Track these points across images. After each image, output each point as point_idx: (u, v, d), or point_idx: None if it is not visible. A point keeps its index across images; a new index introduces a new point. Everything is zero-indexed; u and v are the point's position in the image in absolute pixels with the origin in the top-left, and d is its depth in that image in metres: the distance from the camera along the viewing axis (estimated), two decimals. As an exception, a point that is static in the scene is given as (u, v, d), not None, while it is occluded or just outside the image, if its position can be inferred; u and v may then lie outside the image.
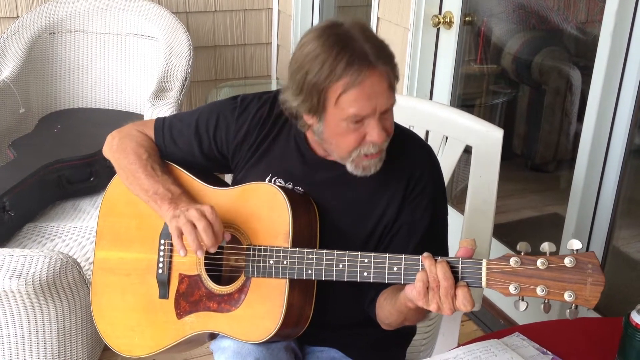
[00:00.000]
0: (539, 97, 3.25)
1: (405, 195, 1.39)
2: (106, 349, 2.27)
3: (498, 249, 2.53)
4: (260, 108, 1.48)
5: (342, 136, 1.30)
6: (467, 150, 1.82)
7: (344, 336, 1.52)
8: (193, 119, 1.53)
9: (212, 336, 1.51)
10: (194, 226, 1.32)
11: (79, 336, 2.02)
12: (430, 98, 2.76)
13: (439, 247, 1.41)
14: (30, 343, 1.95)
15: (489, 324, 2.52)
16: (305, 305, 1.40)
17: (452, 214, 1.97)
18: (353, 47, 1.23)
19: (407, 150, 1.43)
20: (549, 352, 1.26)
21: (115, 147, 1.54)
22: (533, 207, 3.06)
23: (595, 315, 2.18)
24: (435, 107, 1.95)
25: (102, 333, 1.54)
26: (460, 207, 2.45)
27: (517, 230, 2.92)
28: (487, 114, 3.25)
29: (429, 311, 1.32)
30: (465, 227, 1.79)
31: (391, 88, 1.27)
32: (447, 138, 1.85)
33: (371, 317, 1.43)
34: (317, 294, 1.41)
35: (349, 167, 1.35)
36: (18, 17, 3.03)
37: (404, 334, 1.61)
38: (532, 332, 1.32)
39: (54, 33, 2.96)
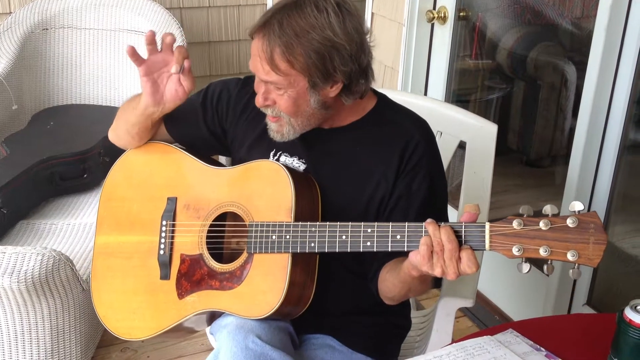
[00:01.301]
0: (534, 93, 3.25)
1: (400, 166, 1.40)
2: (100, 346, 2.27)
3: (493, 244, 2.52)
4: None
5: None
6: (462, 146, 1.81)
7: (340, 323, 1.52)
8: (201, 92, 1.60)
9: (211, 320, 1.51)
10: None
11: (72, 334, 2.01)
12: (425, 94, 2.76)
13: (438, 218, 1.42)
14: (23, 341, 1.95)
15: (484, 319, 2.52)
16: (307, 283, 1.40)
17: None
18: (271, 10, 1.32)
19: (400, 122, 1.45)
20: (542, 348, 1.26)
21: (116, 117, 1.62)
22: (528, 202, 3.03)
23: (589, 311, 2.18)
24: (430, 103, 1.95)
25: (102, 317, 1.54)
26: (454, 203, 2.45)
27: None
28: (482, 110, 3.24)
29: (432, 283, 1.34)
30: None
31: (271, 64, 1.31)
32: (441, 133, 1.84)
33: (373, 292, 1.44)
34: (318, 281, 1.41)
35: None
36: (10, 13, 3.01)
37: (400, 326, 1.61)
38: (526, 328, 1.32)
39: (46, 29, 2.94)
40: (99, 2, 2.97)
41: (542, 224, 1.11)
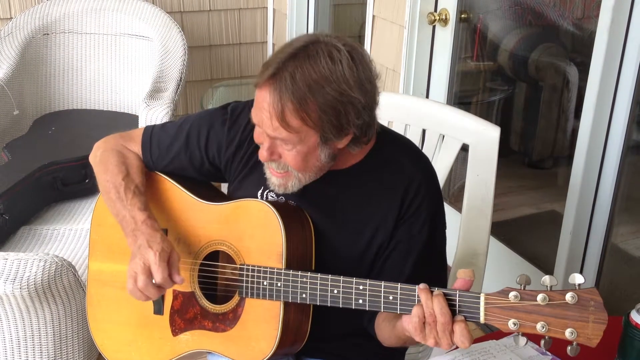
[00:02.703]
0: (535, 94, 3.25)
1: (401, 211, 1.35)
2: (103, 352, 2.27)
3: (496, 247, 2.52)
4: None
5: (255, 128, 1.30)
6: (464, 149, 1.80)
7: (341, 347, 1.49)
8: (183, 131, 1.48)
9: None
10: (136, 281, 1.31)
11: (75, 340, 2.01)
12: (427, 96, 2.75)
13: (437, 263, 1.39)
14: (26, 347, 1.94)
15: (488, 322, 2.51)
16: (302, 322, 1.37)
17: (450, 213, 1.95)
18: (283, 57, 1.20)
19: (401, 163, 1.37)
20: (548, 352, 1.25)
21: (97, 160, 1.50)
22: (531, 204, 3.05)
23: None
24: (432, 106, 1.94)
25: (100, 346, 1.53)
26: (457, 206, 2.44)
27: (515, 228, 2.91)
28: (484, 112, 3.24)
29: None
30: (463, 225, 1.78)
31: (281, 120, 1.20)
32: (443, 136, 1.84)
33: (371, 334, 1.41)
34: (314, 306, 1.38)
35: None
36: (11, 18, 3.02)
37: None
38: (531, 332, 1.31)
39: (47, 34, 2.94)
40: (99, 6, 2.97)
41: (539, 299, 1.06)
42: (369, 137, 1.31)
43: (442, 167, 1.76)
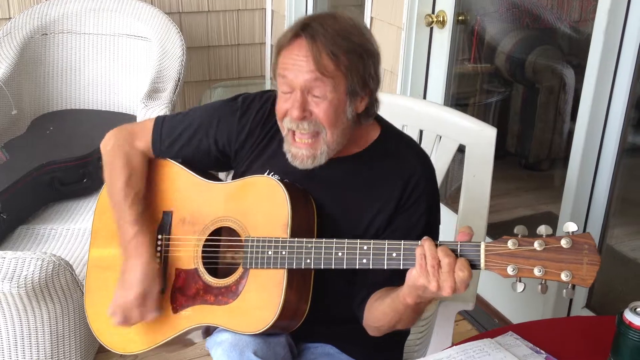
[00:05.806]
0: (532, 96, 3.26)
1: (400, 201, 1.40)
2: (100, 351, 2.27)
3: (492, 248, 2.52)
4: (262, 107, 1.50)
5: (278, 102, 1.37)
6: (461, 150, 1.82)
7: (339, 332, 1.52)
8: (194, 121, 1.54)
9: (207, 334, 1.51)
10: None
11: (72, 339, 2.01)
12: (424, 97, 2.76)
13: None
14: (23, 346, 1.95)
15: (483, 323, 2.52)
16: (303, 298, 1.40)
17: (446, 213, 1.96)
18: (304, 18, 1.33)
19: (403, 156, 1.44)
20: (542, 351, 1.26)
21: (107, 152, 1.56)
22: (527, 206, 3.06)
23: (588, 313, 2.19)
24: (429, 107, 1.95)
25: (96, 331, 1.54)
26: (454, 207, 2.45)
27: (511, 230, 2.91)
28: (481, 113, 3.25)
29: (423, 310, 1.32)
30: (459, 226, 1.79)
31: (317, 63, 1.28)
32: (440, 137, 1.85)
33: (358, 319, 1.43)
34: (312, 290, 1.41)
35: (285, 148, 1.39)
36: (10, 18, 3.02)
37: (399, 332, 1.60)
38: (526, 331, 1.33)
39: (46, 34, 2.94)
40: (98, 7, 2.98)
41: (536, 245, 1.13)
42: (375, 111, 1.40)
43: (438, 168, 1.76)
